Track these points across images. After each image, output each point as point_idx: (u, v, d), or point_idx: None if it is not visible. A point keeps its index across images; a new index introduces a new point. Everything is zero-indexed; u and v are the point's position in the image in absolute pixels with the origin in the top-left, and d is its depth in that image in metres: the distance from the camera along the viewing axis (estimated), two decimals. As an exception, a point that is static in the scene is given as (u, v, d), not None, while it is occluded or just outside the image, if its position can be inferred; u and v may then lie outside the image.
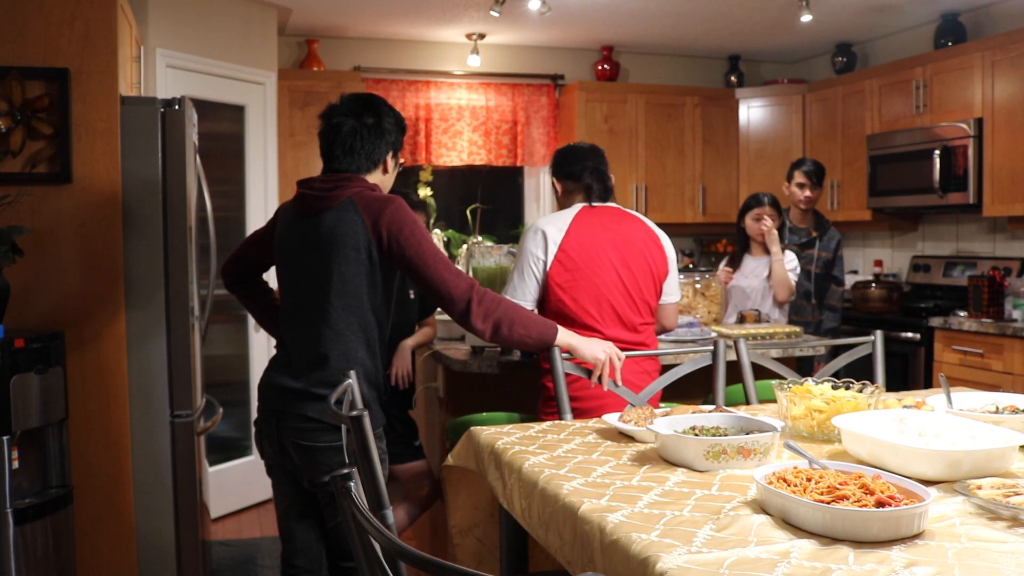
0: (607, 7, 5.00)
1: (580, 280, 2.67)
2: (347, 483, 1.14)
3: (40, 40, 2.67)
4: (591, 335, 2.56)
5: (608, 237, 2.72)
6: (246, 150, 4.70)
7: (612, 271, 2.69)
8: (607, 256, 2.70)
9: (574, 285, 2.67)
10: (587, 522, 1.47)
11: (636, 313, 2.73)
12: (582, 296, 2.67)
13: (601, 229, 2.73)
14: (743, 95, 6.06)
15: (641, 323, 2.75)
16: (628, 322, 2.72)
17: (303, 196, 2.25)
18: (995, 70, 4.51)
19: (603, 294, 2.68)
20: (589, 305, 2.67)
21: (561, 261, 2.67)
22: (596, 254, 2.69)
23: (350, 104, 2.29)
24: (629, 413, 2.08)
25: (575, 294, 2.67)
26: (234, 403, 4.50)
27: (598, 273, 2.68)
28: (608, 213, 2.79)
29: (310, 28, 5.39)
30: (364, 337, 2.21)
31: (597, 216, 2.76)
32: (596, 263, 2.68)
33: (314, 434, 2.14)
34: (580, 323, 2.64)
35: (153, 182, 2.78)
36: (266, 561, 3.77)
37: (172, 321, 2.82)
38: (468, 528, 2.29)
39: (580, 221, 2.73)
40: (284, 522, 2.33)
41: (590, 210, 2.77)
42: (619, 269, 2.70)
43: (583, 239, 2.70)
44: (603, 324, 2.67)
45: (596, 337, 2.55)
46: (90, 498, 2.72)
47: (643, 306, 2.75)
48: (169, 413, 2.84)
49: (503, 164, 5.91)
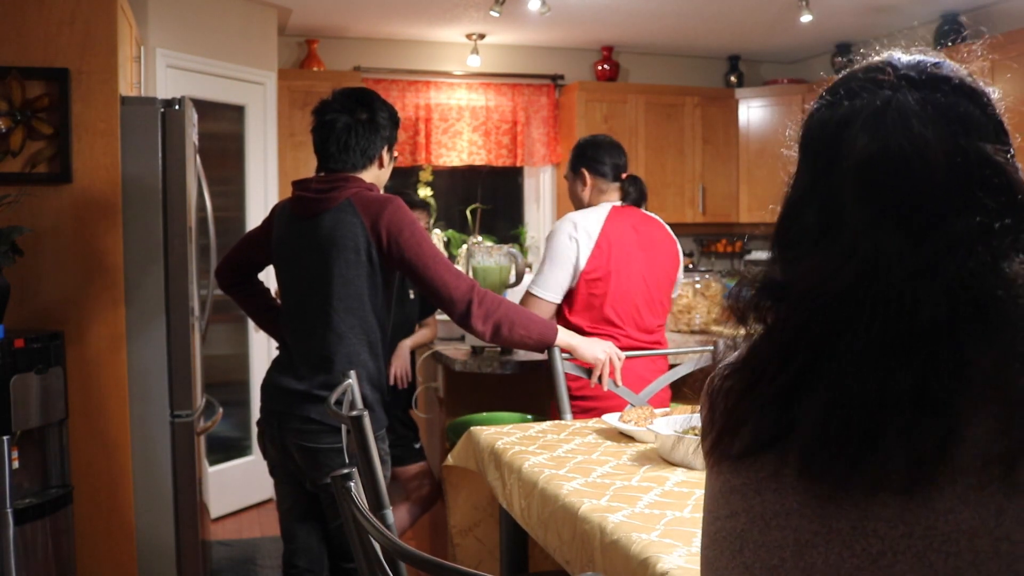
0: (607, 7, 5.00)
1: (609, 280, 2.67)
2: (347, 483, 1.14)
3: (40, 40, 2.67)
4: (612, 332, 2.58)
5: (637, 239, 2.73)
6: (246, 150, 4.70)
7: (639, 274, 2.71)
8: (636, 258, 2.71)
9: (603, 284, 2.67)
10: (587, 522, 1.47)
11: (653, 315, 2.76)
12: (610, 296, 2.67)
13: (632, 231, 2.74)
14: (743, 95, 6.06)
15: (657, 325, 2.77)
16: (647, 325, 2.74)
17: (300, 198, 2.25)
18: (995, 70, 4.51)
19: (629, 296, 2.69)
20: (617, 305, 2.68)
21: (596, 258, 2.67)
22: (626, 256, 2.69)
23: (343, 100, 2.27)
24: (629, 413, 2.08)
25: (603, 292, 2.67)
26: (234, 403, 4.50)
27: (626, 274, 2.69)
28: (635, 215, 2.79)
29: (310, 28, 5.38)
30: (366, 339, 2.21)
31: (627, 217, 2.76)
32: (625, 265, 2.69)
33: (317, 436, 2.14)
34: (605, 320, 2.65)
35: (153, 182, 2.78)
36: (266, 561, 3.77)
37: (172, 321, 2.82)
38: (468, 528, 2.29)
39: (612, 222, 2.72)
40: (286, 523, 2.33)
41: (619, 211, 2.76)
42: (644, 272, 2.72)
43: (615, 240, 2.69)
44: (625, 324, 2.68)
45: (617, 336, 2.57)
46: (90, 498, 2.72)
47: (660, 308, 2.77)
48: (169, 413, 2.84)
49: (503, 164, 5.90)
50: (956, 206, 0.72)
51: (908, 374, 0.68)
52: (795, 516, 0.72)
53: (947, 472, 0.66)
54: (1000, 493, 0.65)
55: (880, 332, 0.70)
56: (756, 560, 0.74)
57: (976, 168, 0.73)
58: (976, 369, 0.67)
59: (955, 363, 0.68)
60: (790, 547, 0.72)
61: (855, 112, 0.78)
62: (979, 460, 0.66)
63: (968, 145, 0.74)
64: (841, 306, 0.72)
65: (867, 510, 0.68)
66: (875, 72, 0.81)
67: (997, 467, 0.65)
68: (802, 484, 0.72)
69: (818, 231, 0.78)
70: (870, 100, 0.78)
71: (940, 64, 0.80)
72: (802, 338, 0.74)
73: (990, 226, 0.72)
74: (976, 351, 0.68)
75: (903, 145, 0.74)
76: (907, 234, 0.72)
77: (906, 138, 0.74)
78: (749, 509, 0.76)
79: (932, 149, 0.73)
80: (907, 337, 0.69)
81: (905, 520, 0.67)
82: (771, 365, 0.75)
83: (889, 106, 0.76)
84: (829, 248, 0.76)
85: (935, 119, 0.75)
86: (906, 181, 0.74)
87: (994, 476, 0.65)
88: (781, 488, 0.73)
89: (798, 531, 0.72)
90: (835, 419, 0.70)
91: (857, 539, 0.69)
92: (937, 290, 0.70)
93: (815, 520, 0.71)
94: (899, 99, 0.76)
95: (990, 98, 0.79)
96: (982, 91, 0.79)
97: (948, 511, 0.66)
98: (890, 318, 0.70)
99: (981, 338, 0.68)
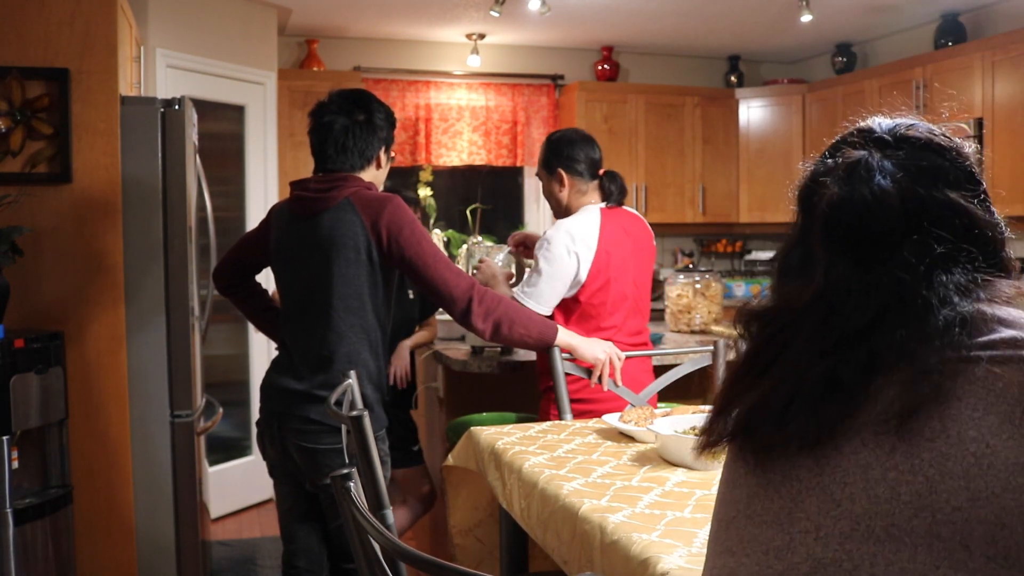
0: (607, 7, 5.00)
1: (608, 289, 2.63)
2: (347, 483, 1.14)
3: (40, 40, 2.67)
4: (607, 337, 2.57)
5: (629, 243, 2.69)
6: (246, 150, 4.70)
7: (631, 278, 2.68)
8: (629, 262, 2.67)
9: (603, 293, 2.63)
10: (587, 522, 1.47)
11: (642, 317, 2.75)
12: (608, 304, 2.64)
13: (624, 235, 2.68)
14: (743, 95, 6.06)
15: (644, 326, 2.77)
16: (637, 327, 2.73)
17: (299, 198, 2.25)
18: (995, 70, 4.51)
19: (624, 301, 2.66)
20: (614, 311, 2.65)
21: (597, 269, 2.60)
22: (621, 261, 2.65)
23: (340, 101, 2.27)
24: (629, 413, 2.08)
25: (601, 302, 2.63)
26: (234, 403, 4.50)
27: (622, 281, 2.65)
28: (622, 216, 2.73)
29: (310, 28, 5.38)
30: (366, 338, 2.21)
31: (616, 219, 2.69)
32: (622, 272, 2.65)
33: (316, 436, 2.14)
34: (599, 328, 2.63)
35: (153, 182, 2.78)
36: (266, 561, 3.77)
37: (172, 321, 2.82)
38: (468, 528, 2.29)
39: (607, 228, 2.64)
40: (286, 523, 2.33)
41: (609, 214, 2.69)
42: (635, 276, 2.69)
43: (612, 247, 2.63)
44: (620, 329, 2.67)
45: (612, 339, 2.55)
46: (90, 498, 2.72)
47: (646, 308, 2.76)
48: (169, 413, 2.84)
49: (503, 164, 5.90)
50: (905, 243, 0.87)
51: (823, 365, 0.86)
52: (748, 475, 0.91)
53: (852, 427, 0.84)
54: (895, 435, 0.81)
55: (815, 337, 0.88)
56: (723, 515, 0.94)
57: (933, 209, 0.88)
58: (887, 353, 0.84)
59: (869, 354, 0.85)
60: (743, 501, 0.91)
61: (833, 168, 0.94)
62: (882, 416, 0.83)
63: (926, 192, 0.89)
64: (797, 320, 0.91)
65: (794, 461, 0.87)
66: (856, 136, 0.98)
67: (895, 419, 0.82)
68: (750, 449, 0.91)
69: (799, 267, 0.96)
70: (846, 157, 0.94)
71: (913, 126, 0.96)
72: (768, 344, 0.93)
73: (933, 249, 0.86)
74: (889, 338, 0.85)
75: (864, 194, 0.89)
76: (859, 266, 0.88)
77: (868, 188, 0.89)
78: (727, 479, 0.96)
79: (889, 196, 0.88)
80: (834, 339, 0.87)
81: (819, 463, 0.85)
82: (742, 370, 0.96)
83: (859, 163, 0.92)
84: (802, 278, 0.94)
85: (896, 172, 0.90)
86: (863, 223, 0.89)
87: (892, 426, 0.82)
88: (743, 456, 0.93)
89: (747, 487, 0.91)
90: (767, 398, 0.90)
91: (784, 484, 0.87)
92: (870, 303, 0.86)
93: (759, 475, 0.90)
94: (868, 157, 0.92)
95: (960, 151, 0.95)
96: (949, 147, 0.95)
97: (851, 453, 0.83)
98: (825, 327, 0.88)
99: (898, 327, 0.85)
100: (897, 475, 0.80)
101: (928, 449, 0.79)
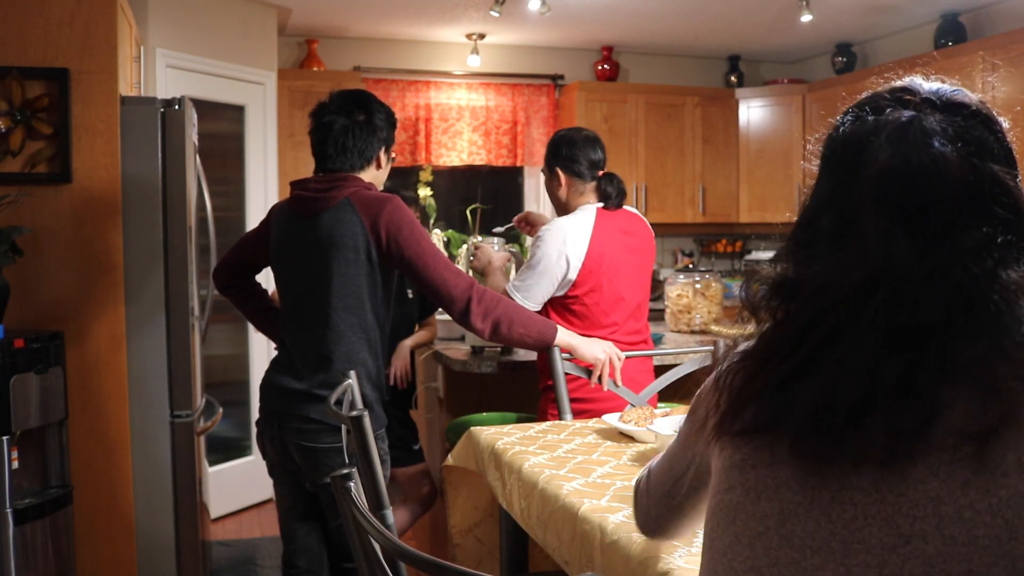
0: (607, 7, 5.00)
1: (602, 290, 2.63)
2: (347, 483, 1.14)
3: (40, 40, 2.67)
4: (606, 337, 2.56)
5: (625, 244, 2.69)
6: (246, 150, 4.70)
7: (628, 278, 2.68)
8: (625, 263, 2.67)
9: (596, 295, 2.63)
10: (587, 522, 1.47)
11: (642, 316, 2.75)
12: (603, 303, 2.64)
13: (620, 235, 2.69)
14: (743, 95, 6.06)
15: (644, 325, 2.76)
16: (637, 326, 2.72)
17: (299, 198, 2.25)
18: (995, 70, 4.51)
19: (622, 302, 2.66)
20: (611, 311, 2.65)
21: (587, 271, 2.61)
22: (615, 263, 2.65)
23: (340, 102, 2.28)
24: (629, 413, 2.08)
25: (595, 303, 2.63)
26: (234, 403, 4.50)
27: (618, 282, 2.65)
28: (620, 216, 2.74)
29: (310, 28, 5.38)
30: (366, 338, 2.21)
31: (613, 220, 2.70)
32: (614, 272, 2.65)
33: (316, 435, 2.14)
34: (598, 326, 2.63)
35: (153, 182, 2.78)
36: (266, 561, 3.77)
37: (172, 321, 2.82)
38: (468, 528, 2.29)
39: (600, 229, 2.65)
40: (285, 523, 2.33)
41: (605, 215, 2.69)
42: (633, 276, 2.69)
43: (605, 249, 2.63)
44: (619, 329, 2.67)
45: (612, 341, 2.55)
46: (90, 498, 2.72)
47: (645, 307, 2.76)
48: (169, 413, 2.84)
49: (503, 164, 5.90)
50: (965, 221, 0.79)
51: (896, 364, 0.75)
52: (783, 489, 0.80)
53: (922, 448, 0.74)
54: (968, 468, 0.72)
55: (879, 328, 0.77)
56: (745, 529, 0.82)
57: (988, 187, 0.80)
58: (961, 361, 0.75)
59: (942, 358, 0.75)
60: (775, 516, 0.80)
61: (880, 126, 0.84)
62: (953, 438, 0.73)
63: (982, 166, 0.80)
64: (847, 304, 0.78)
65: (847, 481, 0.76)
66: (900, 92, 0.88)
67: (969, 444, 0.72)
68: (792, 459, 0.79)
69: (833, 235, 0.84)
70: (895, 116, 0.84)
71: (958, 91, 0.88)
72: (809, 331, 0.80)
73: (994, 239, 0.78)
74: (963, 346, 0.75)
75: (923, 161, 0.80)
76: (916, 243, 0.78)
77: (927, 154, 0.80)
78: (744, 483, 0.83)
79: (950, 167, 0.79)
80: (902, 334, 0.76)
81: (879, 488, 0.75)
82: (778, 354, 0.82)
83: (912, 124, 0.82)
84: (842, 251, 0.81)
85: (953, 140, 0.81)
86: (922, 194, 0.79)
87: (966, 452, 0.73)
88: (774, 463, 0.81)
89: (783, 502, 0.80)
90: (825, 401, 0.77)
91: (835, 507, 0.76)
92: (937, 294, 0.76)
93: (800, 492, 0.79)
94: (922, 118, 0.83)
95: (1002, 127, 0.87)
96: (996, 119, 0.87)
97: (919, 481, 0.74)
98: (890, 317, 0.77)
99: (970, 335, 0.75)
100: (973, 515, 0.72)
101: (1004, 486, 0.71)
